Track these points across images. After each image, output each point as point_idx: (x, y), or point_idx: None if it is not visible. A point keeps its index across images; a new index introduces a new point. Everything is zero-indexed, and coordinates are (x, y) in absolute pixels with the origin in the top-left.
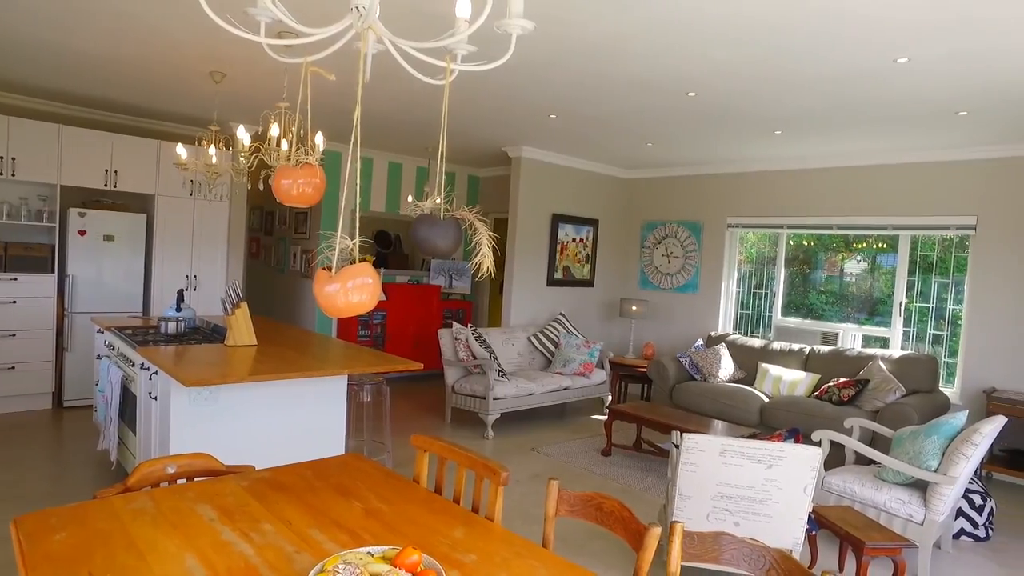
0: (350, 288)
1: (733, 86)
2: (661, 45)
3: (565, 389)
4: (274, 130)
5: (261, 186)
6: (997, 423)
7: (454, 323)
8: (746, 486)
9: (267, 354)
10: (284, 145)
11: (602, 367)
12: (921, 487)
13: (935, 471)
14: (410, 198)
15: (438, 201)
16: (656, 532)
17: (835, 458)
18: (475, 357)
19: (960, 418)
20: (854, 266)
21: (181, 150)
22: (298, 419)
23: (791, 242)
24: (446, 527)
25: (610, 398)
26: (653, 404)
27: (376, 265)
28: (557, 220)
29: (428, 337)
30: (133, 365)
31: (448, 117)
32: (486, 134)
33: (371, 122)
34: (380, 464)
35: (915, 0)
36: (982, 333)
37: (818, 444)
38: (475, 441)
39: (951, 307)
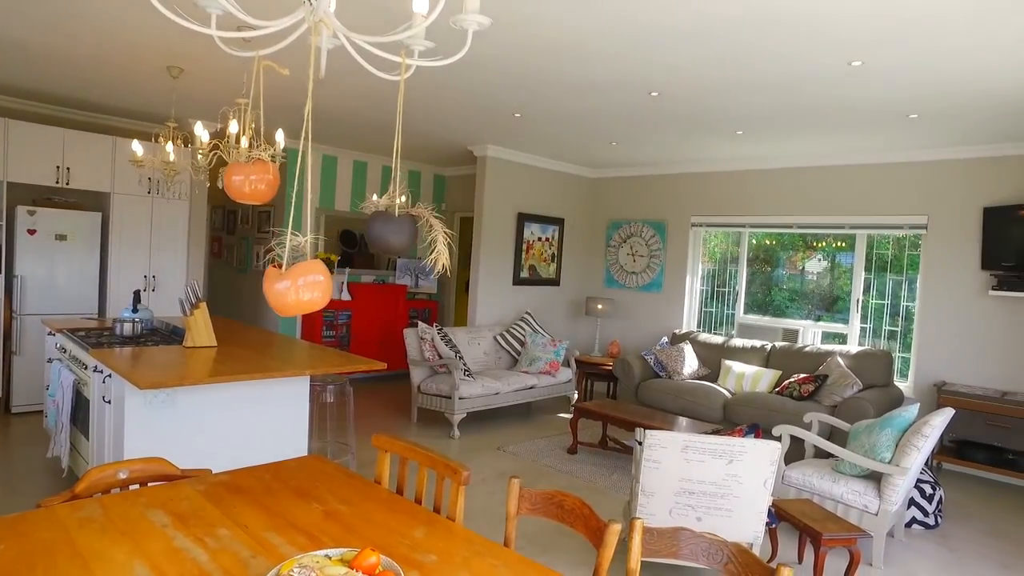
0: (301, 286)
1: (694, 87)
2: (623, 45)
3: (531, 388)
4: (233, 127)
5: (220, 184)
6: (945, 415)
7: (420, 323)
8: (708, 481)
9: (227, 355)
10: (244, 142)
11: (568, 365)
12: (876, 478)
13: (889, 463)
14: (375, 196)
15: (402, 199)
16: (616, 529)
17: (796, 452)
18: (440, 357)
19: (912, 411)
20: (815, 265)
21: (137, 147)
22: (259, 421)
23: (753, 241)
24: (406, 527)
25: (576, 396)
26: (619, 402)
27: (342, 265)
28: (523, 219)
29: (394, 337)
30: (86, 368)
31: (413, 115)
32: (451, 133)
33: (335, 120)
34: (341, 465)
35: (868, 8)
36: (933, 329)
37: (779, 439)
38: (441, 440)
39: (905, 304)
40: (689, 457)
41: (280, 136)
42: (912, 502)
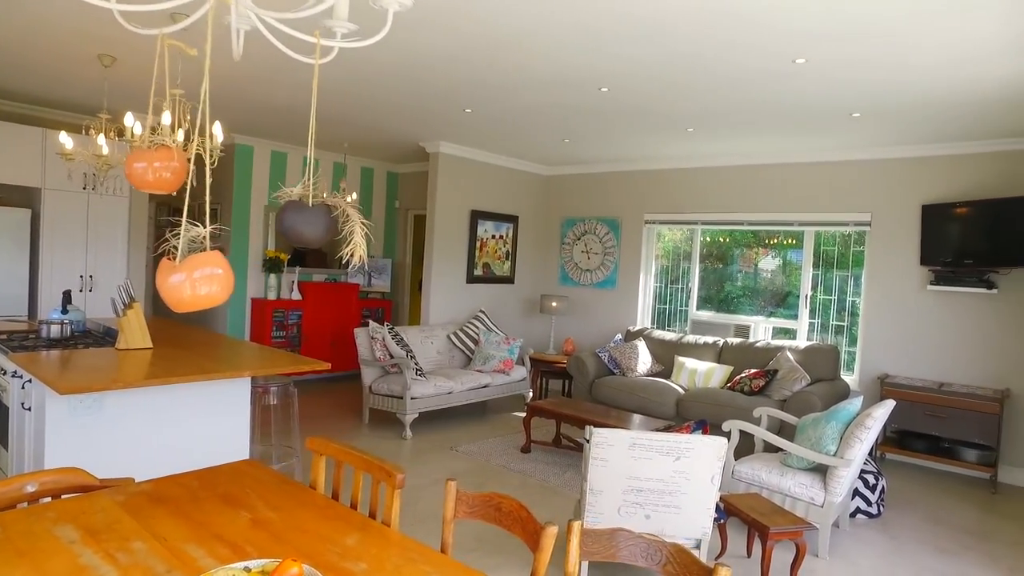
0: (197, 279)
1: (644, 83)
2: (572, 40)
3: (485, 387)
4: (166, 118)
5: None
6: (887, 407)
7: (371, 322)
8: (656, 479)
9: (162, 357)
10: (181, 135)
11: (523, 364)
12: (822, 471)
13: (834, 455)
14: (324, 194)
15: (344, 192)
16: (551, 532)
17: (746, 447)
18: (392, 356)
19: (856, 404)
20: (769, 263)
21: (65, 139)
22: (196, 426)
23: (707, 238)
24: (338, 534)
25: (531, 394)
26: (572, 400)
27: (293, 263)
28: (476, 217)
29: (346, 336)
30: (5, 373)
31: (362, 111)
32: (402, 129)
33: (282, 114)
34: (275, 470)
35: (811, 6)
36: (876, 324)
37: (728, 434)
38: (393, 442)
39: (851, 299)
40: (636, 455)
41: (218, 129)
42: (856, 492)
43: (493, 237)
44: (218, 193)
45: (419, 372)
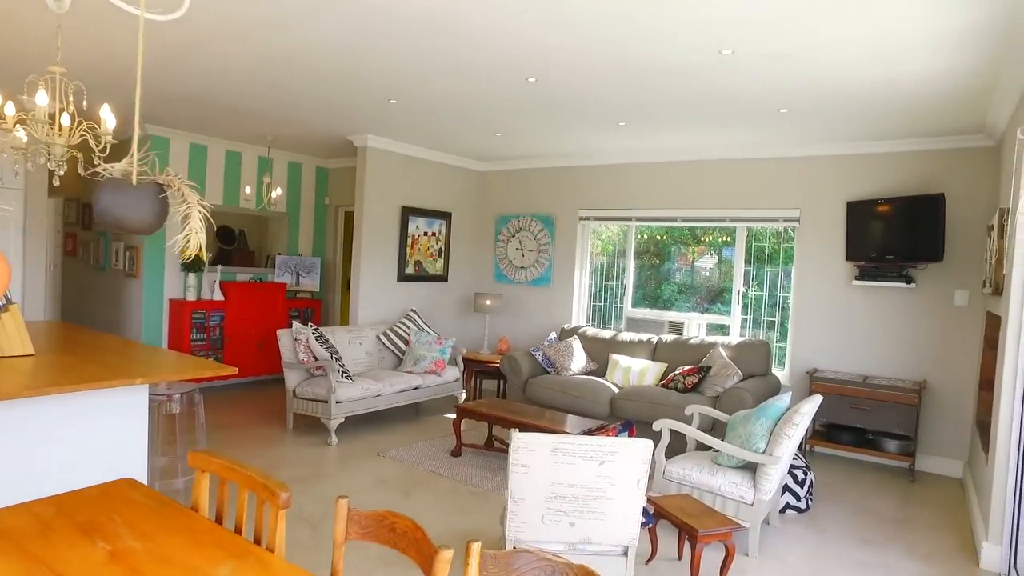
0: None
1: (571, 74)
2: (494, 24)
3: (416, 388)
4: (41, 98)
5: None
6: (814, 403)
7: (294, 322)
8: (580, 484)
9: (45, 365)
10: (67, 119)
11: (455, 364)
12: (752, 469)
13: (763, 452)
14: (247, 189)
15: (268, 187)
16: (445, 557)
17: (680, 445)
18: (316, 358)
19: (784, 400)
20: (706, 260)
21: None
22: (83, 441)
23: (644, 235)
24: (210, 565)
25: (464, 396)
26: (504, 400)
27: (217, 262)
28: (407, 213)
29: (273, 338)
30: None
31: (287, 101)
32: (328, 121)
33: (197, 105)
34: (154, 491)
35: None
36: (805, 319)
37: (659, 433)
38: (318, 448)
39: (782, 295)
40: (559, 460)
41: (107, 112)
42: (786, 488)
43: (425, 234)
44: None
45: (345, 374)
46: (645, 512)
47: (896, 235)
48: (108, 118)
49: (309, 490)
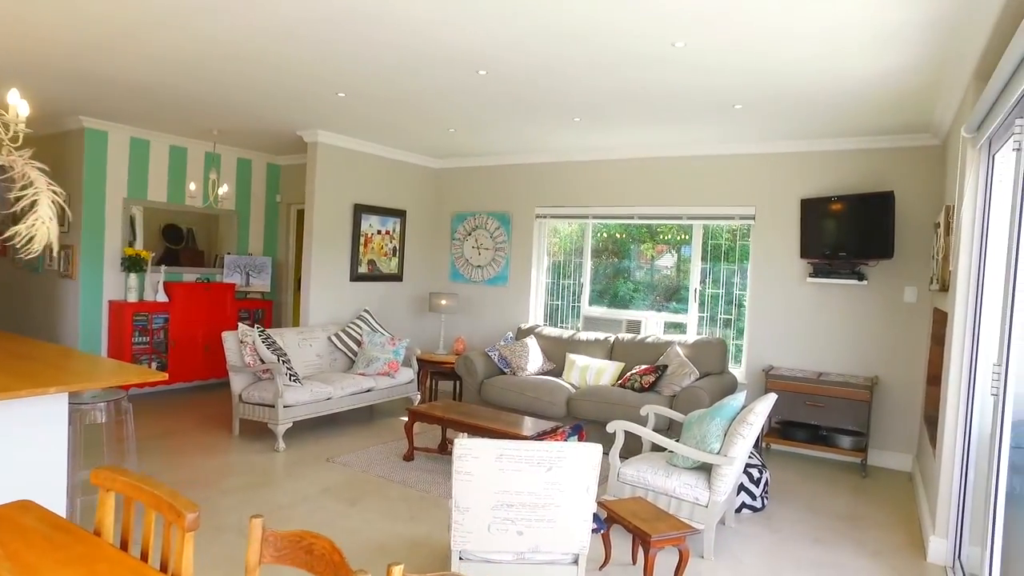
0: None
1: (522, 68)
2: (441, 16)
3: (368, 391)
4: None
5: None
6: (768, 401)
7: (240, 324)
8: (527, 492)
9: None
10: None
11: (410, 365)
12: (707, 470)
13: (718, 453)
14: (192, 186)
15: (215, 184)
16: None
17: (636, 446)
18: (263, 361)
19: (739, 399)
20: (665, 257)
21: None
22: None
23: (604, 234)
24: None
25: (419, 398)
26: (458, 403)
27: (163, 262)
28: (360, 211)
29: (220, 341)
30: None
31: (230, 94)
32: (276, 115)
33: (139, 95)
34: (53, 514)
35: None
36: (761, 316)
37: (613, 435)
38: (265, 455)
39: (738, 292)
40: (504, 466)
41: (16, 97)
42: (742, 487)
43: (379, 232)
44: (65, 183)
45: (293, 377)
46: (597, 518)
47: (848, 232)
48: (18, 103)
49: (250, 500)
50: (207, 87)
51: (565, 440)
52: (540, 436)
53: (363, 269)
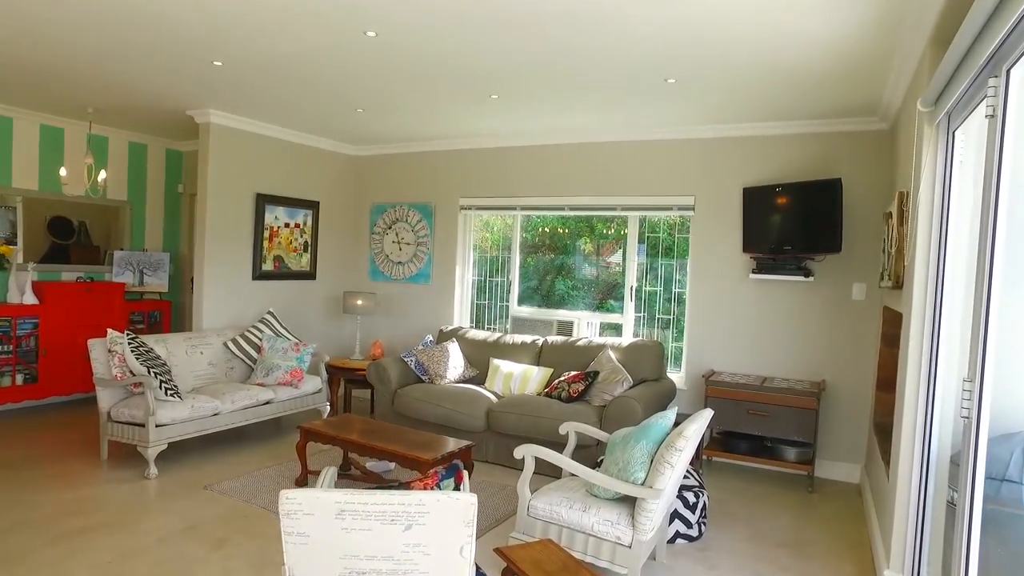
0: None
1: (417, 29)
2: None
3: (267, 403)
4: None
5: None
6: (701, 421)
7: (109, 330)
8: (381, 556)
9: None
10: None
11: (318, 373)
12: (631, 502)
13: (643, 483)
14: (62, 171)
15: (93, 172)
16: None
17: (553, 469)
18: (133, 373)
19: (669, 418)
20: (609, 254)
21: None
22: None
23: (542, 228)
24: None
25: (328, 410)
26: (361, 418)
27: (50, 260)
28: (263, 201)
29: None
30: None
31: (99, 64)
32: (155, 89)
33: (40, 78)
34: None
35: None
36: (702, 316)
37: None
38: (133, 484)
39: (678, 290)
40: (349, 525)
41: None
42: (675, 514)
43: (287, 226)
44: None
45: (171, 391)
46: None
47: (794, 224)
48: None
49: (87, 548)
50: (70, 54)
51: (437, 484)
52: (405, 483)
53: (268, 266)
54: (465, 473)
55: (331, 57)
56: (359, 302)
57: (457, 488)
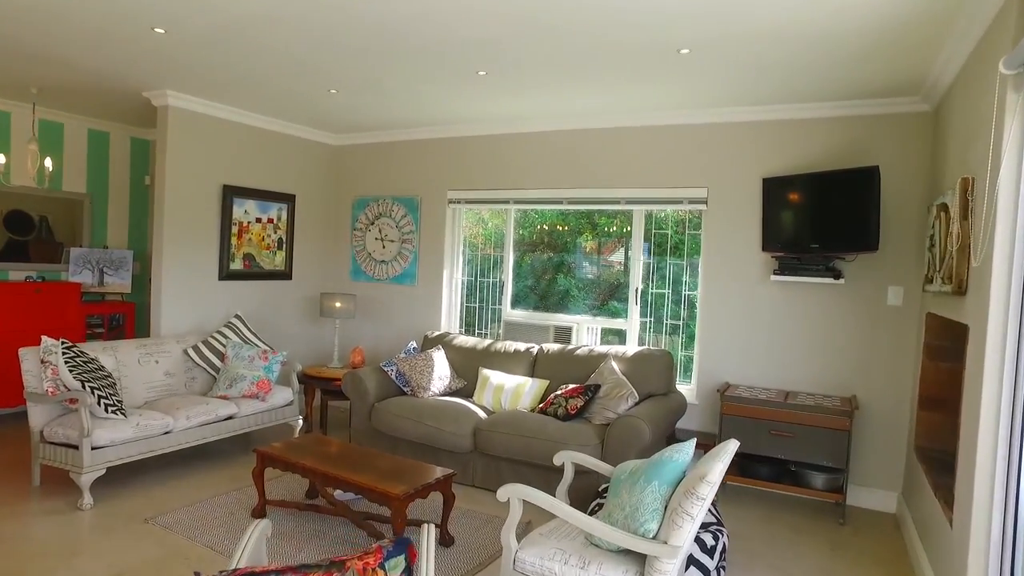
0: None
1: None
2: None
3: (229, 419)
4: None
5: None
6: (726, 457)
7: (44, 338)
8: None
9: None
10: None
11: (289, 384)
12: (640, 555)
13: (654, 536)
14: (0, 158)
15: (36, 158)
16: None
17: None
18: (67, 388)
19: (685, 453)
20: (612, 252)
21: None
22: None
23: (544, 225)
24: None
25: (301, 424)
26: (327, 439)
27: (3, 257)
28: (231, 193)
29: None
30: None
31: (26, 34)
32: (102, 66)
33: None
34: None
35: None
36: (715, 322)
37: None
38: (63, 516)
39: (688, 292)
40: None
41: None
42: (691, 561)
43: (259, 221)
44: None
45: (113, 408)
46: None
47: (822, 219)
48: None
49: None
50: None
51: (380, 565)
52: (336, 559)
53: (237, 265)
54: (426, 547)
55: (286, 21)
56: (338, 304)
57: (409, 571)
